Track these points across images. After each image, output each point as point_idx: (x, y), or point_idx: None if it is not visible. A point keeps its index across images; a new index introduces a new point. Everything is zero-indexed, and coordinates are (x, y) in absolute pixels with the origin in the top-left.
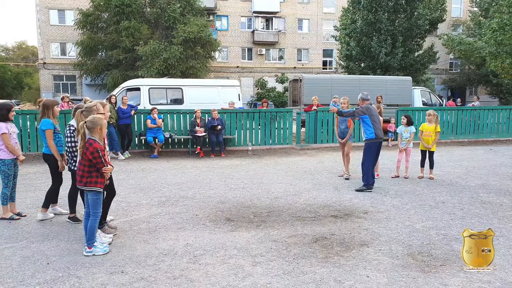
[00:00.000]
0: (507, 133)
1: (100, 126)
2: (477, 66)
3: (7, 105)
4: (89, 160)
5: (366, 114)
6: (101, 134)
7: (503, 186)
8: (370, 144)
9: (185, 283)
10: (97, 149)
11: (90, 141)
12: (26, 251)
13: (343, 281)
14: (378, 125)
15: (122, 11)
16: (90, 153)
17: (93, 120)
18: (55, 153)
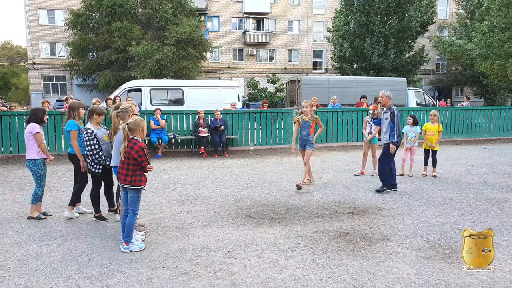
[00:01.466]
0: (498, 132)
1: (141, 127)
2: (464, 67)
3: (43, 108)
4: (134, 159)
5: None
6: (142, 135)
7: (504, 183)
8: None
9: (226, 276)
10: (142, 147)
11: (134, 141)
12: (64, 248)
13: (375, 273)
14: (401, 127)
15: (114, 12)
16: (135, 152)
17: (135, 121)
18: (78, 154)
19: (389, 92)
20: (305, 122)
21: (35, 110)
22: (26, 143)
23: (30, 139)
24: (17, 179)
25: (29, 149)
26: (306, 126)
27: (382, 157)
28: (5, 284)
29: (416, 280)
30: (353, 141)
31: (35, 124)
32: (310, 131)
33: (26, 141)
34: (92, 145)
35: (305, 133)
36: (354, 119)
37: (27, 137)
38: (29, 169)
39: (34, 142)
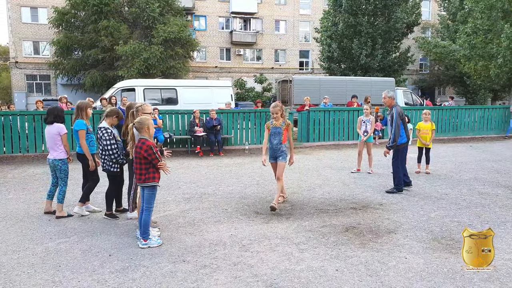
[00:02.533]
0: (482, 131)
1: (147, 125)
2: (447, 67)
3: (61, 108)
4: (145, 158)
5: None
6: (149, 133)
7: (493, 179)
8: (401, 148)
9: (246, 268)
10: (150, 146)
11: (142, 140)
12: (82, 245)
13: (386, 263)
14: (406, 127)
15: (100, 10)
16: (144, 151)
17: (140, 120)
18: (87, 153)
19: (392, 92)
20: (275, 129)
21: (59, 111)
22: (54, 143)
23: (58, 139)
24: (16, 179)
25: (57, 149)
26: (278, 133)
27: (392, 160)
28: (33, 279)
29: (426, 269)
30: (344, 140)
31: (62, 125)
32: (282, 139)
33: (53, 141)
34: (112, 145)
35: (276, 142)
36: (345, 118)
37: (55, 138)
38: (58, 168)
39: (61, 142)
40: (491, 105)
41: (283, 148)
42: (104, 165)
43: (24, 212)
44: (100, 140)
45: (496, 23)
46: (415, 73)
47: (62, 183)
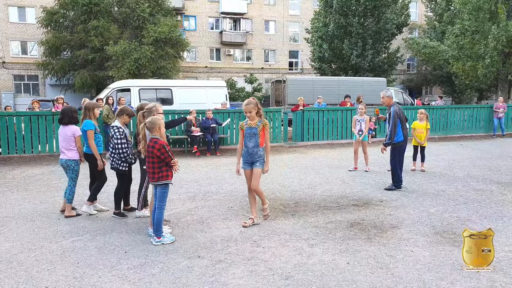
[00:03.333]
0: (471, 129)
1: (158, 125)
2: (434, 67)
3: (74, 108)
4: (158, 157)
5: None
6: (160, 132)
7: (486, 176)
8: (400, 146)
9: (260, 262)
10: (163, 145)
11: (154, 139)
12: (96, 243)
13: (394, 256)
14: (405, 126)
15: (90, 10)
16: (157, 150)
17: (152, 120)
18: (95, 153)
19: (390, 91)
20: (251, 129)
21: (71, 112)
22: (68, 144)
23: (72, 140)
24: (16, 179)
25: (71, 149)
26: (253, 134)
27: (390, 158)
28: (54, 275)
29: (432, 261)
30: (338, 139)
31: (77, 127)
32: (259, 141)
33: (67, 142)
34: (123, 144)
35: (252, 145)
36: (339, 118)
37: (69, 138)
38: (71, 168)
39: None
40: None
41: (261, 152)
42: (113, 163)
43: (32, 212)
44: (111, 138)
45: (484, 24)
46: (403, 73)
47: (72, 183)
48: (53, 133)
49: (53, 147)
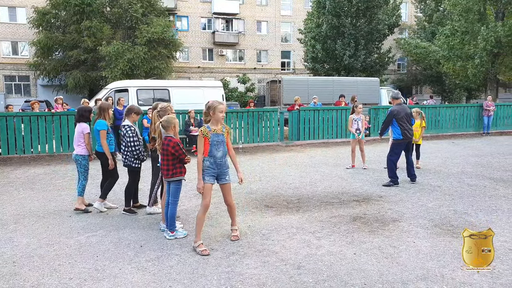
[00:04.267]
0: (462, 128)
1: (174, 124)
2: (424, 67)
3: (88, 107)
4: (172, 154)
5: (393, 118)
6: (175, 131)
7: (479, 172)
8: (397, 144)
9: (272, 254)
10: (177, 143)
11: (168, 138)
12: (111, 238)
13: (397, 246)
14: (405, 125)
15: (82, 10)
16: (172, 148)
17: (168, 119)
18: (107, 152)
19: (395, 93)
20: (217, 136)
21: (84, 111)
22: (77, 140)
23: (82, 137)
24: (20, 179)
25: (80, 145)
26: (221, 141)
27: (388, 154)
28: (76, 268)
29: (433, 251)
30: (333, 138)
31: (86, 125)
32: (227, 149)
33: (77, 138)
34: (135, 141)
35: (221, 154)
36: (334, 117)
37: (79, 135)
38: (78, 163)
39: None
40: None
41: (227, 163)
42: (125, 161)
43: (42, 210)
44: (124, 137)
45: (473, 25)
46: (393, 73)
47: (82, 177)
48: (52, 133)
49: (52, 147)
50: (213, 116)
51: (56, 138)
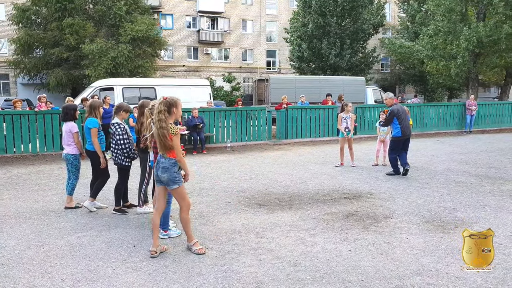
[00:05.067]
0: (445, 126)
1: None
2: (407, 66)
3: (73, 105)
4: None
5: (394, 116)
6: None
7: (464, 170)
8: (397, 141)
9: (267, 252)
10: None
11: None
12: (102, 238)
13: (391, 243)
14: (404, 123)
15: (64, 7)
16: None
17: None
18: (98, 151)
19: (391, 94)
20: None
21: (68, 109)
22: (66, 139)
23: (70, 136)
24: (3, 179)
25: (70, 145)
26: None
27: (389, 149)
28: (68, 269)
29: (427, 247)
30: (320, 136)
31: (74, 124)
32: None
33: (66, 137)
34: (125, 139)
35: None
36: (321, 116)
37: (68, 135)
38: (70, 162)
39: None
40: (453, 103)
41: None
42: (116, 159)
43: (29, 211)
44: (113, 135)
45: (456, 25)
46: (377, 72)
47: (73, 176)
48: (36, 132)
49: (36, 147)
50: (176, 113)
51: (40, 137)
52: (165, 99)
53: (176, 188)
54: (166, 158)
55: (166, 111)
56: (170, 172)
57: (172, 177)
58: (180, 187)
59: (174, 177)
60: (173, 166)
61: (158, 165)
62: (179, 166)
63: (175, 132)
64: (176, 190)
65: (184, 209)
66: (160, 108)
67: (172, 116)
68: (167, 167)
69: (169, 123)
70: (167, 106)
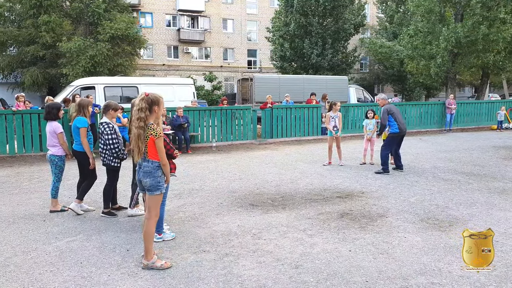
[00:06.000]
0: (426, 125)
1: (158, 120)
2: (386, 66)
3: (57, 104)
4: None
5: (389, 115)
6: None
7: (450, 167)
8: (394, 137)
9: (267, 254)
10: (163, 138)
11: None
12: (93, 242)
13: (390, 242)
14: (400, 119)
15: (39, 4)
16: None
17: None
18: (88, 151)
19: (383, 95)
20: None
21: (51, 108)
22: (50, 140)
23: (54, 136)
24: None
25: (55, 146)
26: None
27: (383, 146)
28: (60, 276)
29: (426, 245)
30: (305, 135)
31: (58, 124)
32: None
33: (50, 138)
34: (113, 139)
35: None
36: (306, 115)
37: (52, 135)
38: (53, 163)
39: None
40: (433, 102)
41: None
42: (104, 160)
43: (12, 215)
44: (101, 135)
45: (435, 26)
46: (356, 72)
47: (56, 178)
48: (14, 133)
49: (14, 148)
50: (157, 112)
51: (18, 138)
52: (147, 95)
53: (157, 194)
54: (149, 161)
55: (147, 109)
56: (153, 177)
57: (155, 182)
58: (161, 194)
59: (157, 182)
60: (157, 170)
61: (140, 169)
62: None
63: (157, 134)
64: (156, 196)
65: (153, 220)
66: (141, 105)
67: (152, 115)
68: (150, 171)
69: (149, 122)
70: (148, 104)
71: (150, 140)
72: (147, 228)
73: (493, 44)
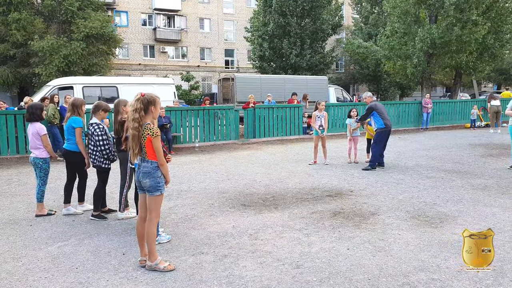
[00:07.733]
0: (404, 124)
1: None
2: (361, 66)
3: (40, 104)
4: None
5: (373, 111)
6: None
7: (432, 165)
8: (381, 132)
9: (266, 254)
10: None
11: None
12: (86, 247)
13: (385, 239)
14: (385, 115)
15: (9, 1)
16: None
17: None
18: (83, 151)
19: (369, 93)
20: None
21: (34, 109)
22: (33, 142)
23: (38, 138)
24: None
25: (38, 148)
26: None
27: (373, 142)
28: (56, 283)
29: (420, 242)
30: (287, 135)
31: (41, 125)
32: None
33: (32, 140)
34: (104, 140)
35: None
36: (288, 114)
37: (35, 137)
38: (38, 166)
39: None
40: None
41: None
42: (94, 161)
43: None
44: (91, 136)
45: (411, 27)
46: (332, 72)
47: (41, 182)
48: None
49: None
50: (153, 112)
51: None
52: (143, 95)
53: (158, 195)
54: (148, 161)
55: (142, 110)
56: (152, 177)
57: (155, 183)
58: (161, 194)
59: (157, 182)
60: (156, 170)
61: (139, 169)
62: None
63: (154, 133)
64: (157, 197)
65: (154, 221)
66: (136, 105)
67: (148, 116)
68: (149, 171)
69: (145, 123)
70: (144, 104)
71: (147, 140)
72: (148, 230)
73: (466, 45)
